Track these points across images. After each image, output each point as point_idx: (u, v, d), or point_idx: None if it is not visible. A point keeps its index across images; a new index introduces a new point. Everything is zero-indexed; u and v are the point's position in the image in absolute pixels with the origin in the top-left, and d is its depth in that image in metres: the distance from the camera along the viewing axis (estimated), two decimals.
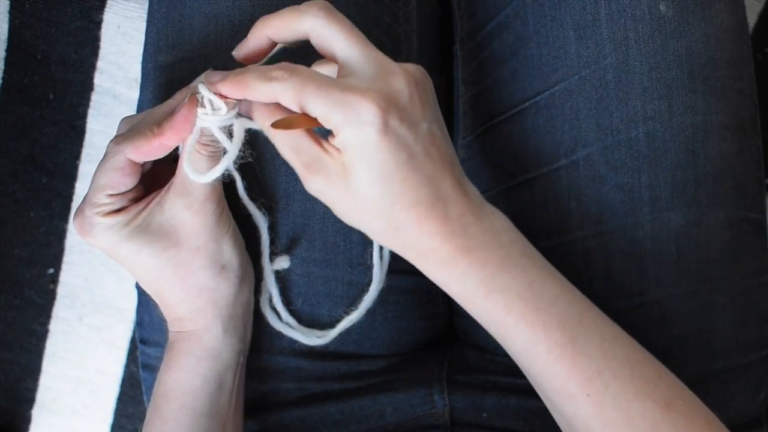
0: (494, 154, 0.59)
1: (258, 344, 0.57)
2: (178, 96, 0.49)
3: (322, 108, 0.42)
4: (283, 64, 0.43)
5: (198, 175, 0.47)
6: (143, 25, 0.61)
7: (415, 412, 0.58)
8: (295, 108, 0.43)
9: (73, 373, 0.96)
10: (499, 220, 0.47)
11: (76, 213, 0.48)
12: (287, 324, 0.56)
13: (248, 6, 0.55)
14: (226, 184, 0.51)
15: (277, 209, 0.56)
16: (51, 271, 0.95)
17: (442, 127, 0.46)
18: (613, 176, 0.54)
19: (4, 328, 0.95)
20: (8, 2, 0.89)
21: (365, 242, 0.57)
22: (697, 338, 0.55)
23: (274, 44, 0.47)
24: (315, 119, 0.43)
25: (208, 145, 0.47)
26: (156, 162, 0.50)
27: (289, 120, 0.44)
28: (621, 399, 0.44)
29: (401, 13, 0.58)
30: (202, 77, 0.47)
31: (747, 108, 0.56)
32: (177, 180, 0.48)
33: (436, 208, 0.44)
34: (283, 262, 0.56)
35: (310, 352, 0.57)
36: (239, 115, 0.47)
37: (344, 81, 0.43)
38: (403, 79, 0.43)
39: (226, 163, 0.47)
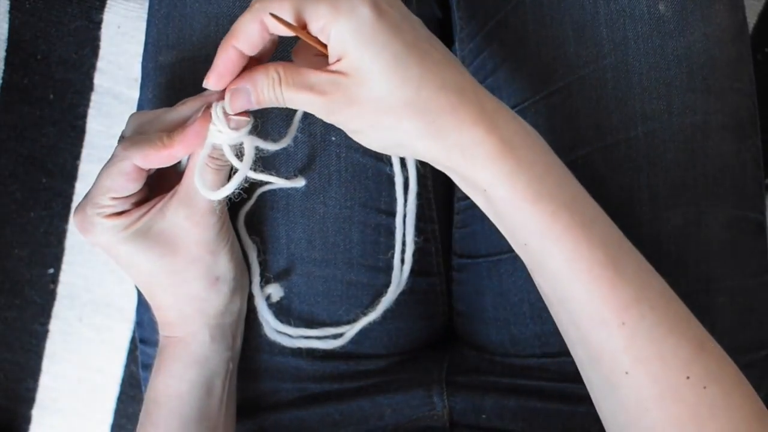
0: None
1: (257, 344, 0.57)
2: (190, 104, 0.48)
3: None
4: None
5: (209, 191, 0.47)
6: (143, 25, 0.61)
7: (414, 414, 0.58)
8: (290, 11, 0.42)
9: (73, 373, 0.96)
10: (530, 126, 0.44)
11: (77, 209, 0.49)
12: (301, 337, 0.56)
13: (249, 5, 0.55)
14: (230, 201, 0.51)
15: (278, 209, 0.56)
16: (51, 271, 0.95)
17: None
18: (613, 176, 0.54)
19: (4, 328, 0.95)
20: (8, 2, 0.90)
21: (365, 242, 0.57)
22: None
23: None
24: (312, 37, 0.42)
25: (216, 159, 0.47)
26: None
27: (301, 31, 0.43)
28: (655, 333, 0.41)
29: None
30: (218, 95, 0.47)
31: (746, 108, 0.56)
32: (182, 190, 0.48)
33: (467, 93, 0.42)
34: (276, 291, 0.56)
35: (309, 353, 0.57)
36: (250, 133, 0.47)
37: None
38: None
39: (238, 181, 0.47)
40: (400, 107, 0.42)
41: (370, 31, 0.41)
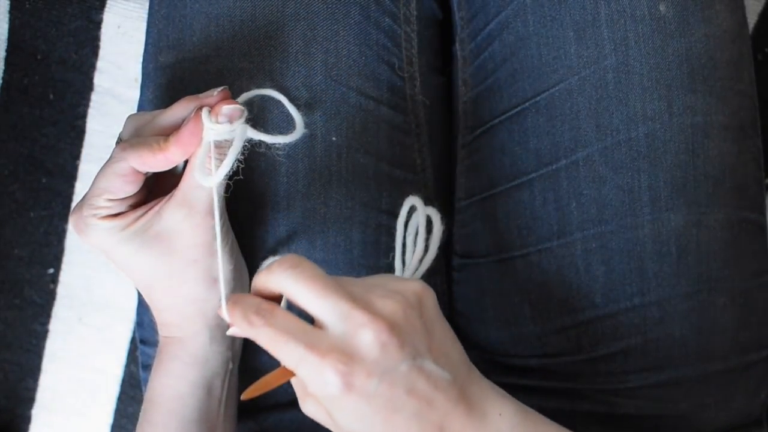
0: (494, 154, 0.59)
1: (257, 346, 0.57)
2: (185, 104, 0.48)
3: (291, 358, 0.42)
4: (265, 308, 0.43)
5: (206, 178, 0.47)
6: (143, 25, 0.61)
7: None
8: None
9: (73, 373, 0.96)
10: (502, 420, 0.45)
11: (73, 210, 0.49)
12: None
13: (249, 6, 0.55)
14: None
15: (279, 209, 0.56)
16: (51, 271, 0.95)
17: (441, 343, 0.45)
18: (613, 176, 0.54)
19: (4, 328, 0.95)
20: (8, 2, 0.89)
21: (366, 243, 0.57)
22: (697, 339, 0.55)
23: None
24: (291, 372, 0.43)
25: (215, 158, 0.47)
26: None
27: (266, 381, 0.45)
28: None
29: (402, 15, 0.58)
30: (213, 92, 0.48)
31: (747, 108, 0.56)
32: (179, 191, 0.48)
33: None
34: None
35: None
36: (245, 123, 0.47)
37: (313, 336, 0.42)
38: (373, 331, 0.41)
39: (231, 160, 0.47)
40: None
41: (336, 402, 0.42)
